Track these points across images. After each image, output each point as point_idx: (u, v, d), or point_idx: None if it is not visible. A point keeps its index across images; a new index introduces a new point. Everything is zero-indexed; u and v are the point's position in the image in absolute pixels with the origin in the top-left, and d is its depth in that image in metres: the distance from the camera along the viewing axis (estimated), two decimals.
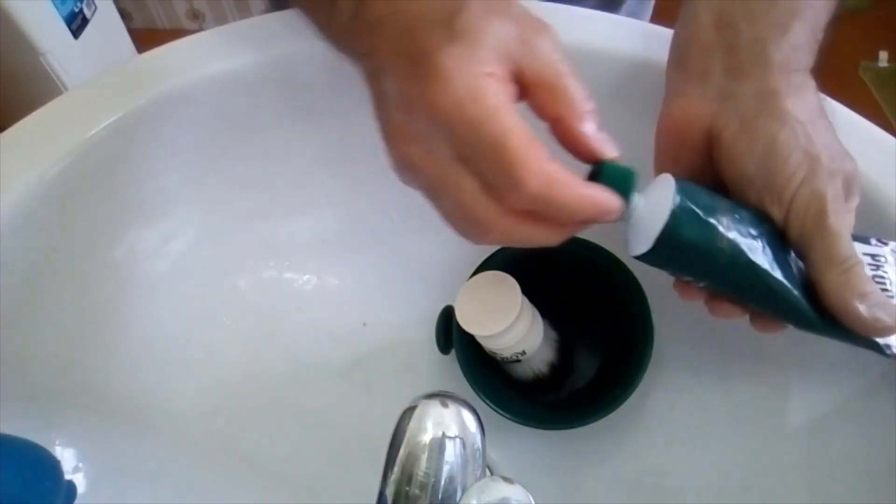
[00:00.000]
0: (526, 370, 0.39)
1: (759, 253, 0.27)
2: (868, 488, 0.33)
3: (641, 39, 0.39)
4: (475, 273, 0.40)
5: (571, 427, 0.38)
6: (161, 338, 0.41)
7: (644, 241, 0.27)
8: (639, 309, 0.39)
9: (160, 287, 0.41)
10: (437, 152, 0.24)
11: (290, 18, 0.41)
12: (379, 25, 0.25)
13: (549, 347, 0.39)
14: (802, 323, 0.28)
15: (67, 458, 0.36)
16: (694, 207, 0.27)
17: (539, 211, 0.24)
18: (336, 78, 0.41)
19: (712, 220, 0.27)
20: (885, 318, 0.27)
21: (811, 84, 0.30)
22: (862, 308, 0.27)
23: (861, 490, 0.33)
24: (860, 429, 0.35)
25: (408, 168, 0.26)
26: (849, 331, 0.28)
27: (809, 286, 0.28)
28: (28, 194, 0.34)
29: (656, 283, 0.40)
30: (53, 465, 0.25)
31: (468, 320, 0.37)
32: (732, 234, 0.27)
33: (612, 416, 0.37)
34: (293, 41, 0.40)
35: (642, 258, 0.28)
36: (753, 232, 0.27)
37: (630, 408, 0.37)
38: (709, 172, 0.31)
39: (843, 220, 0.27)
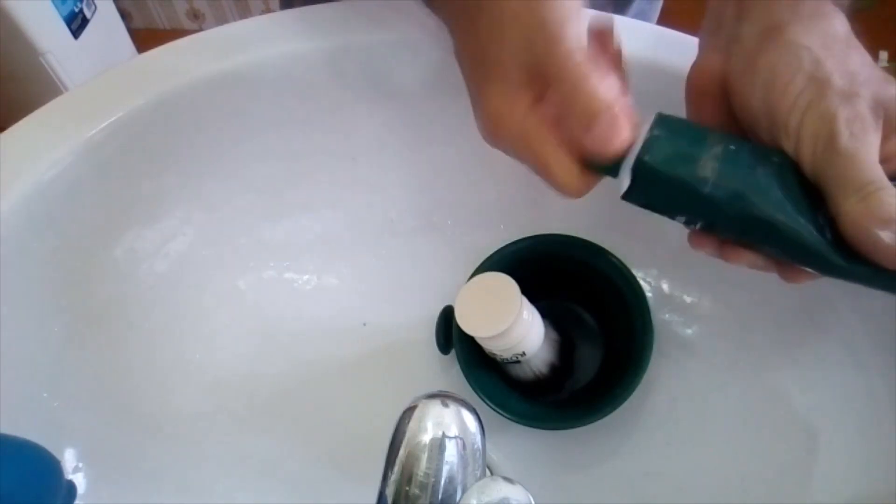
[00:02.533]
0: (526, 371, 0.39)
1: (754, 185, 0.25)
2: (868, 488, 0.33)
3: (649, 42, 0.38)
4: (475, 273, 0.40)
5: (571, 427, 0.38)
6: (161, 338, 0.41)
7: (626, 178, 0.26)
8: (639, 309, 0.39)
9: (160, 287, 0.41)
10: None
11: (290, 19, 0.41)
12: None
13: (549, 348, 0.39)
14: (818, 262, 0.25)
15: (67, 458, 0.36)
16: (671, 137, 0.26)
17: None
18: (336, 78, 0.41)
19: (693, 150, 0.25)
20: None
21: (830, 10, 0.28)
22: (884, 235, 0.23)
23: (861, 490, 0.33)
24: (860, 429, 0.35)
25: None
26: (880, 270, 0.24)
27: (833, 223, 0.25)
28: (28, 194, 0.34)
29: (657, 284, 0.40)
30: (53, 465, 0.25)
31: (468, 322, 0.37)
32: (718, 164, 0.25)
33: (612, 416, 0.37)
34: (293, 41, 0.40)
35: (626, 197, 0.27)
36: (752, 163, 0.25)
37: (630, 408, 0.37)
38: (734, 123, 0.29)
39: (860, 141, 0.24)
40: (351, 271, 0.46)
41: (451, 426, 0.25)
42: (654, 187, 0.26)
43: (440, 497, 0.25)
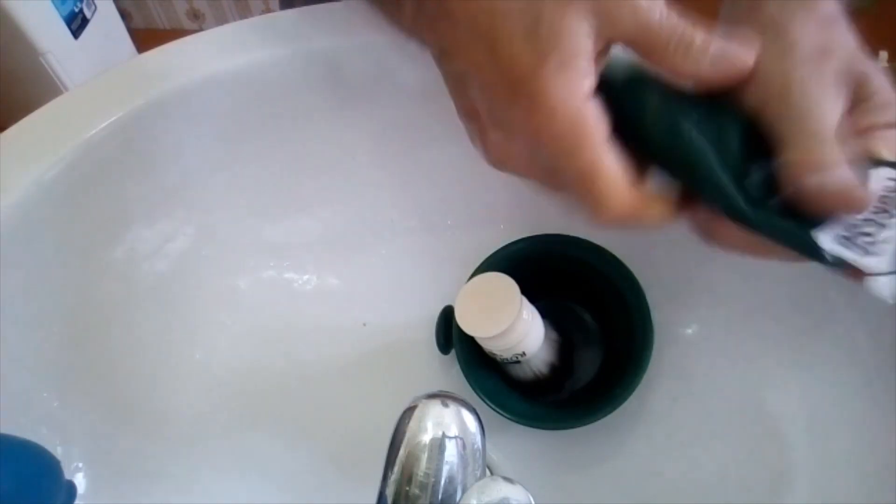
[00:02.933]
0: (526, 371, 0.39)
1: (692, 122, 0.25)
2: (868, 488, 0.33)
3: None
4: (475, 274, 0.40)
5: (571, 427, 0.38)
6: (161, 338, 0.41)
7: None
8: (639, 309, 0.39)
9: (160, 287, 0.41)
10: (536, 165, 0.27)
11: (290, 19, 0.41)
12: (450, 18, 0.25)
13: (549, 348, 0.39)
14: (732, 210, 0.25)
15: (67, 458, 0.36)
16: (637, 73, 0.27)
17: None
18: (336, 78, 0.41)
19: (645, 88, 0.26)
20: (844, 185, 0.24)
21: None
22: (815, 180, 0.24)
23: (861, 490, 0.33)
24: (860, 428, 0.35)
25: (508, 172, 0.28)
26: (794, 224, 0.25)
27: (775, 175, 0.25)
28: (28, 194, 0.34)
29: (656, 284, 0.40)
30: (53, 465, 0.25)
31: (468, 322, 0.37)
32: (661, 101, 0.26)
33: (612, 416, 0.37)
34: (293, 42, 0.40)
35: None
36: (696, 106, 0.26)
37: (630, 408, 0.37)
38: None
39: (815, 98, 0.25)
40: (351, 271, 0.46)
41: (451, 426, 0.25)
42: (614, 101, 0.26)
43: (440, 497, 0.25)
